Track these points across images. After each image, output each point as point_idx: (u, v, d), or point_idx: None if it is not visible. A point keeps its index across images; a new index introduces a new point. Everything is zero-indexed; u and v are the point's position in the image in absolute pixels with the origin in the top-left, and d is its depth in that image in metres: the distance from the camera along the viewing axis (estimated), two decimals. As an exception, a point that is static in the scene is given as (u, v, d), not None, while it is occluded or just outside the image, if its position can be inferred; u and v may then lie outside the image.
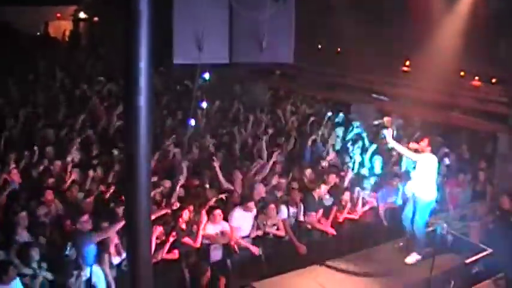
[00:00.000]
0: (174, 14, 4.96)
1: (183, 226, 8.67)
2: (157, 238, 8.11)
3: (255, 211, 9.46)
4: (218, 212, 8.95)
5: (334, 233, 10.12)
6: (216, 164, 10.09)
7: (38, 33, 30.94)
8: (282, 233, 9.72)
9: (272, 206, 9.57)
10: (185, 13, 4.99)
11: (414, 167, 10.65)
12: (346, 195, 10.58)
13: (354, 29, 14.65)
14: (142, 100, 4.69)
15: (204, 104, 13.41)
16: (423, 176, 8.79)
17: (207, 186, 9.83)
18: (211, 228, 8.90)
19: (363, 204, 10.81)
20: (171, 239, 8.29)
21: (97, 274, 7.75)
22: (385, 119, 15.94)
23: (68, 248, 7.61)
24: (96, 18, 32.52)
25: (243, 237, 9.28)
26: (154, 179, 9.11)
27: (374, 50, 14.71)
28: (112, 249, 7.82)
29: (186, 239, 8.61)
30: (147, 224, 5.07)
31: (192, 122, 11.77)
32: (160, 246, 8.18)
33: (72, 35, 31.73)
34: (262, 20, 5.37)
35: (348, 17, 14.90)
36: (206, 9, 5.11)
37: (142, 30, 4.58)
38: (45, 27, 32.03)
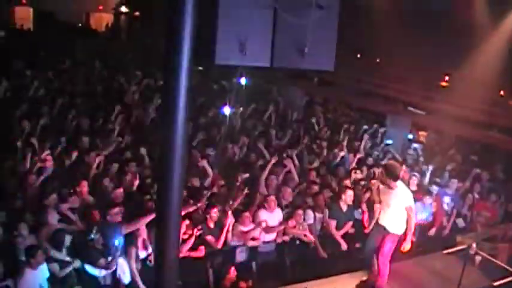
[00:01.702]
0: (218, 15, 4.95)
1: (211, 225, 8.68)
2: (183, 233, 8.10)
3: (280, 214, 9.44)
4: (247, 214, 8.95)
5: (345, 247, 9.96)
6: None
7: (80, 24, 31.38)
8: (308, 238, 9.68)
9: (300, 211, 9.55)
10: (229, 14, 4.98)
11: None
12: (377, 208, 10.45)
13: (396, 41, 14.55)
14: (181, 96, 4.72)
15: (238, 106, 13.49)
16: (395, 210, 8.02)
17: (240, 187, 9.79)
18: (240, 229, 8.91)
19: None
20: (196, 233, 8.29)
21: (122, 267, 7.79)
22: (420, 133, 15.92)
23: (93, 232, 7.68)
24: (137, 13, 32.89)
25: (268, 242, 9.27)
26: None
27: (414, 62, 14.60)
28: (139, 243, 7.86)
29: (209, 237, 8.63)
30: (177, 219, 5.09)
31: (226, 111, 11.84)
32: (185, 240, 8.18)
33: (113, 28, 32.10)
34: (305, 26, 5.32)
35: (390, 28, 14.81)
36: (250, 11, 5.10)
37: (186, 28, 4.60)
38: (87, 18, 32.49)
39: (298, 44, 5.34)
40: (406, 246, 8.08)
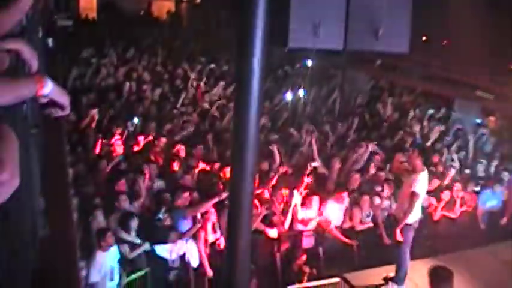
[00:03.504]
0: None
1: (279, 207, 8.69)
2: None
3: (347, 201, 9.36)
4: (316, 198, 8.90)
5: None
6: (314, 147, 10.11)
7: (142, 12, 31.78)
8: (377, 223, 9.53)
9: (366, 197, 9.45)
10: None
11: None
12: (446, 195, 10.23)
13: (463, 23, 14.14)
14: (255, 80, 4.72)
15: (302, 92, 13.43)
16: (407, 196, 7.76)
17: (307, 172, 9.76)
18: (305, 214, 8.86)
19: (461, 204, 10.44)
20: (263, 211, 8.30)
21: (191, 250, 7.88)
22: (489, 118, 15.43)
23: (162, 212, 7.79)
24: (198, 0, 33.08)
25: (335, 227, 9.20)
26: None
27: (482, 45, 14.15)
28: (209, 227, 7.93)
29: (276, 218, 8.62)
30: (250, 203, 5.12)
31: (288, 96, 11.82)
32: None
33: (174, 15, 32.33)
34: (379, 7, 5.23)
35: (456, 10, 14.41)
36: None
37: (259, 12, 4.60)
38: (149, 6, 32.86)
39: (371, 26, 5.25)
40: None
